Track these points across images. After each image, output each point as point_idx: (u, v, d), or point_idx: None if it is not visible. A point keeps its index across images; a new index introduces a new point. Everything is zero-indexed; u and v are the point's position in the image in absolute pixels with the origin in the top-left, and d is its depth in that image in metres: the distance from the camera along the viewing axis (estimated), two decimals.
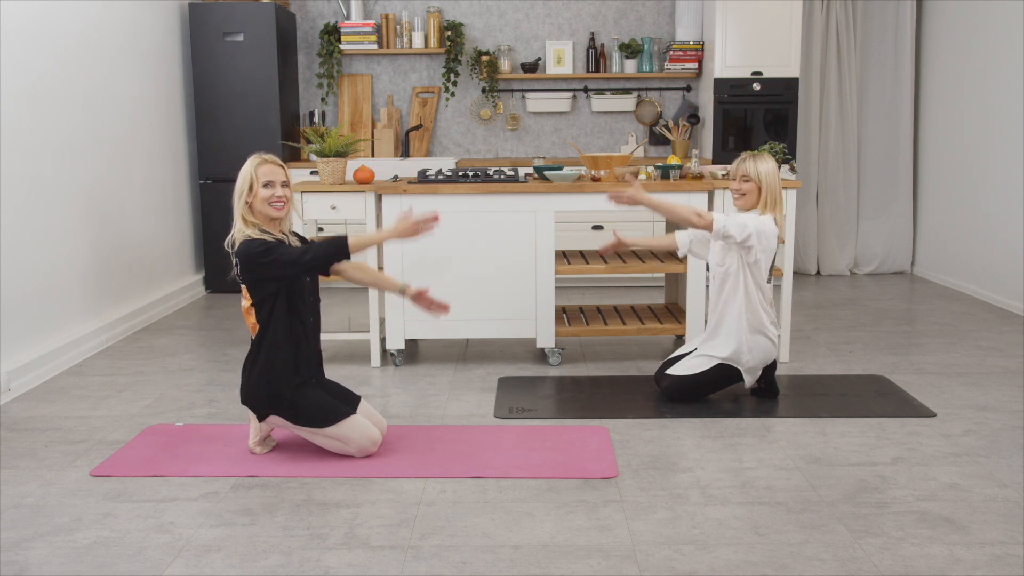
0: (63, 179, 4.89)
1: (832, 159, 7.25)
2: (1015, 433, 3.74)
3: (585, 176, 4.81)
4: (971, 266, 6.53)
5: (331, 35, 7.04)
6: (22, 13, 4.54)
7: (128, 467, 3.42)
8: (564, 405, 4.15)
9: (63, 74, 4.92)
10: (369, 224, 4.69)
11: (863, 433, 3.75)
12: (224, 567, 2.68)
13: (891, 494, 3.15)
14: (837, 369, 4.69)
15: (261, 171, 3.38)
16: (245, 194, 3.37)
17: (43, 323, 4.67)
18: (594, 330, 4.80)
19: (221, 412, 4.08)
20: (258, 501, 3.13)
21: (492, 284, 4.70)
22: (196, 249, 6.77)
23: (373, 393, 4.34)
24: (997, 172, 6.17)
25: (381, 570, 2.65)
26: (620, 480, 3.28)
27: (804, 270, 7.45)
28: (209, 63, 6.57)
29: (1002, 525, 2.91)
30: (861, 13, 7.16)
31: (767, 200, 3.99)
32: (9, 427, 3.89)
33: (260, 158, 3.43)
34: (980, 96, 6.36)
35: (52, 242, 4.77)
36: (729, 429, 3.80)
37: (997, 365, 4.74)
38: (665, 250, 4.64)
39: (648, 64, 7.15)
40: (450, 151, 7.39)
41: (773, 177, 3.99)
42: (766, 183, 3.97)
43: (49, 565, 2.70)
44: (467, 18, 7.23)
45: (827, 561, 2.69)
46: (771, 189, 3.98)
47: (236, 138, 6.59)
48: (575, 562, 2.69)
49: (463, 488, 3.22)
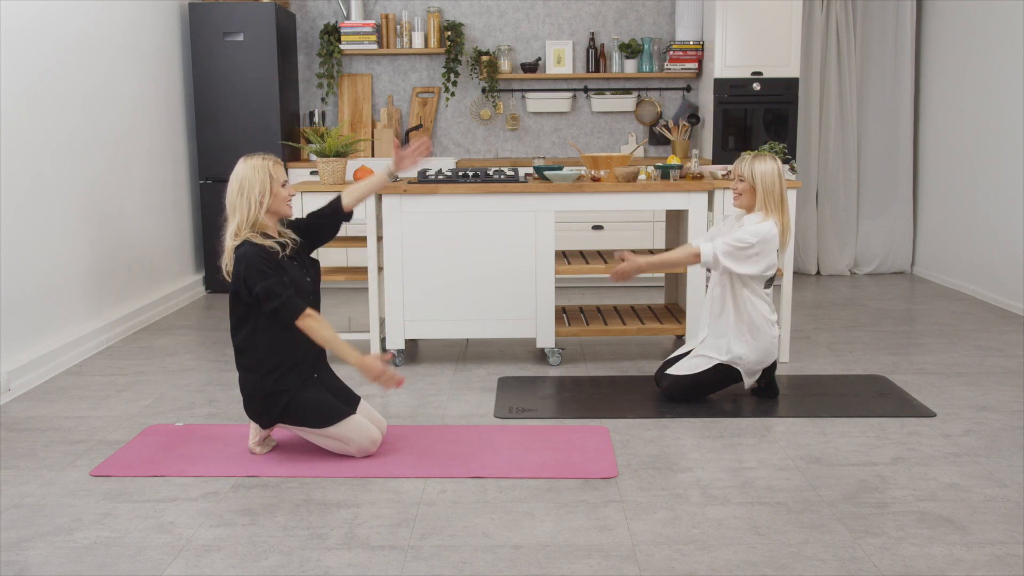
0: (63, 179, 4.89)
1: (832, 159, 7.25)
2: (1015, 433, 3.74)
3: (585, 176, 4.81)
4: (971, 266, 6.53)
5: (331, 35, 7.04)
6: (22, 13, 4.54)
7: (128, 467, 3.42)
8: (564, 405, 4.15)
9: (63, 74, 4.92)
10: (369, 224, 4.69)
11: (863, 433, 3.75)
12: (224, 567, 2.68)
13: (891, 494, 3.15)
14: (837, 369, 4.69)
15: (278, 171, 3.43)
16: (267, 195, 3.38)
17: (43, 323, 4.67)
18: (594, 330, 4.80)
19: (221, 412, 4.08)
20: (258, 501, 3.13)
21: (492, 284, 4.70)
22: (196, 249, 6.77)
23: (373, 393, 4.34)
24: (997, 172, 6.17)
25: (381, 570, 2.66)
26: (620, 480, 3.28)
27: (804, 270, 7.45)
28: (209, 63, 6.57)
29: (1002, 525, 2.91)
30: (861, 13, 7.16)
31: (765, 202, 3.93)
32: (9, 427, 3.89)
33: (270, 159, 3.44)
34: (980, 96, 6.36)
35: (52, 242, 4.77)
36: (729, 429, 3.80)
37: (997, 365, 4.74)
38: (688, 262, 4.05)
39: (648, 64, 7.15)
40: (450, 151, 7.39)
41: (771, 178, 3.92)
42: (761, 183, 3.92)
43: (49, 565, 2.70)
44: (467, 18, 7.23)
45: (827, 561, 2.69)
46: (768, 190, 3.92)
47: (236, 138, 6.59)
48: (575, 562, 2.69)
49: (463, 488, 3.22)
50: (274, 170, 3.41)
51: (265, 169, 3.38)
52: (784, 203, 3.97)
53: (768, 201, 3.93)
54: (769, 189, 3.93)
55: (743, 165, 3.98)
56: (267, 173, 3.38)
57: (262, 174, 3.38)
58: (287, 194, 3.43)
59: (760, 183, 3.92)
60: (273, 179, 3.39)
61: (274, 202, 3.40)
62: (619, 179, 4.65)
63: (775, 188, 3.93)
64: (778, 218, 3.95)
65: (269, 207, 3.40)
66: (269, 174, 3.38)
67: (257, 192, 3.36)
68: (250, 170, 3.38)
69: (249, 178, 3.37)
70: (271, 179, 3.38)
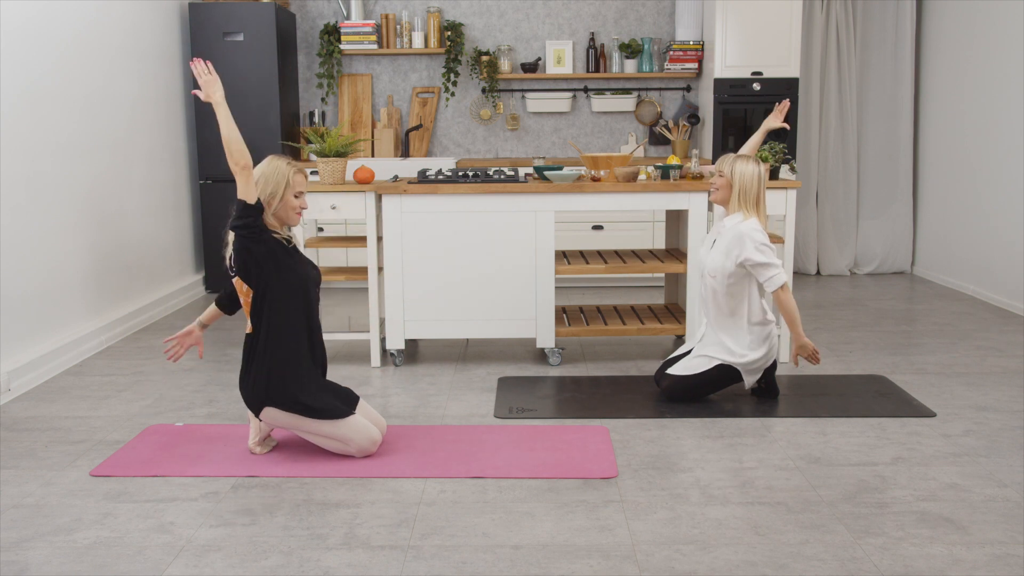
0: (63, 179, 4.89)
1: (832, 159, 7.25)
2: (1015, 433, 3.74)
3: (585, 176, 4.81)
4: (971, 266, 6.53)
5: (331, 35, 7.04)
6: (22, 13, 4.54)
7: (128, 467, 3.42)
8: (564, 405, 4.15)
9: (63, 74, 4.92)
10: (369, 224, 4.69)
11: (863, 433, 3.75)
12: (224, 567, 2.68)
13: (891, 494, 3.15)
14: (837, 369, 4.69)
15: (297, 180, 3.41)
16: (276, 200, 3.37)
17: (43, 323, 4.67)
18: (594, 330, 4.80)
19: (221, 412, 4.08)
20: (258, 501, 3.13)
21: (492, 284, 4.70)
22: (196, 249, 6.77)
23: (373, 393, 4.34)
24: (997, 172, 6.17)
25: (381, 570, 2.66)
26: (620, 480, 3.28)
27: (804, 270, 7.45)
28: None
29: (1002, 525, 2.91)
30: (861, 13, 7.16)
31: (740, 200, 3.99)
32: (9, 427, 3.89)
33: (296, 166, 3.43)
34: (980, 96, 6.36)
35: (52, 242, 4.77)
36: (729, 429, 3.80)
37: (997, 365, 4.74)
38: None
39: (648, 64, 7.15)
40: (450, 151, 7.39)
41: (750, 179, 3.98)
42: (739, 182, 3.98)
43: (49, 565, 2.70)
44: (467, 18, 7.23)
45: (827, 561, 2.69)
46: (744, 190, 3.98)
47: None
48: (575, 562, 2.69)
49: (463, 488, 3.22)
50: (294, 178, 3.40)
51: (285, 174, 3.38)
52: (760, 206, 4.02)
53: (743, 200, 4.00)
54: (745, 189, 3.99)
55: (725, 163, 4.06)
56: (286, 179, 3.38)
57: (280, 177, 3.38)
58: (298, 204, 3.41)
59: (738, 181, 3.99)
60: (289, 186, 3.39)
61: (282, 208, 3.40)
62: (619, 179, 4.65)
63: (751, 189, 3.99)
64: (758, 217, 4.01)
65: (276, 211, 3.39)
66: (287, 180, 3.38)
67: (268, 192, 3.36)
68: (272, 170, 3.39)
69: (267, 176, 3.38)
70: (287, 186, 3.38)
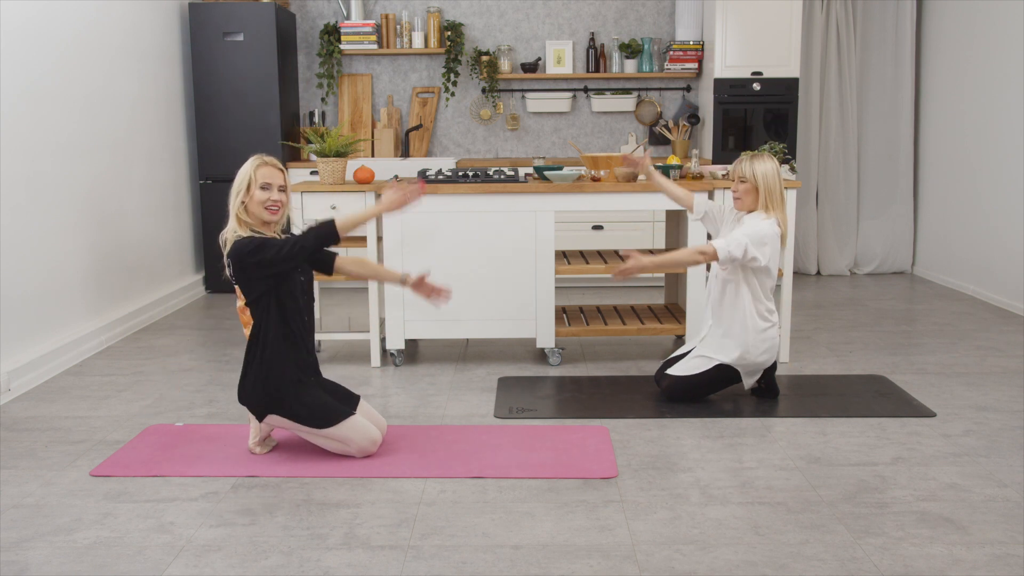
0: (63, 179, 4.89)
1: (832, 159, 7.25)
2: (1015, 433, 3.74)
3: (585, 176, 4.81)
4: (971, 266, 6.53)
5: (331, 35, 7.04)
6: (22, 13, 4.54)
7: (128, 467, 3.42)
8: (564, 405, 4.14)
9: (63, 74, 4.92)
10: (369, 224, 4.69)
11: (863, 433, 3.75)
12: (224, 567, 2.68)
13: (891, 494, 3.15)
14: (837, 369, 4.69)
15: (260, 172, 3.38)
16: (242, 193, 3.37)
17: (43, 323, 4.67)
18: (594, 330, 4.80)
19: (221, 412, 4.08)
20: (258, 501, 3.13)
21: (492, 284, 4.70)
22: (196, 249, 6.77)
23: (373, 393, 4.34)
24: (997, 172, 6.17)
25: (381, 570, 2.66)
26: (620, 480, 3.28)
27: (804, 270, 7.45)
28: (209, 63, 6.56)
29: (1002, 525, 2.91)
30: (861, 13, 7.16)
31: (766, 201, 3.94)
32: (9, 427, 3.89)
33: (260, 159, 3.42)
34: (980, 96, 6.36)
35: (52, 242, 4.77)
36: (729, 429, 3.80)
37: (997, 365, 4.74)
38: (681, 203, 4.28)
39: (648, 64, 7.15)
40: (450, 151, 7.39)
41: (772, 177, 3.93)
42: (763, 183, 3.92)
43: (49, 565, 2.70)
44: (467, 18, 7.23)
45: (827, 561, 2.69)
46: (769, 189, 3.93)
47: (236, 138, 6.59)
48: (575, 562, 2.69)
49: (463, 488, 3.22)
50: (256, 171, 3.37)
51: (247, 171, 3.39)
52: (784, 202, 3.98)
53: (770, 201, 3.94)
54: (771, 189, 3.93)
55: (743, 166, 3.96)
56: (248, 174, 3.38)
57: (243, 175, 3.39)
58: (264, 198, 3.36)
59: (763, 183, 3.92)
60: (253, 180, 3.36)
61: (250, 203, 3.37)
62: (619, 179, 4.65)
63: (776, 187, 3.94)
64: (780, 217, 3.96)
65: (249, 210, 3.38)
66: (249, 175, 3.37)
67: (235, 189, 3.39)
68: (242, 168, 3.41)
69: (238, 175, 3.41)
70: (250, 180, 3.37)
